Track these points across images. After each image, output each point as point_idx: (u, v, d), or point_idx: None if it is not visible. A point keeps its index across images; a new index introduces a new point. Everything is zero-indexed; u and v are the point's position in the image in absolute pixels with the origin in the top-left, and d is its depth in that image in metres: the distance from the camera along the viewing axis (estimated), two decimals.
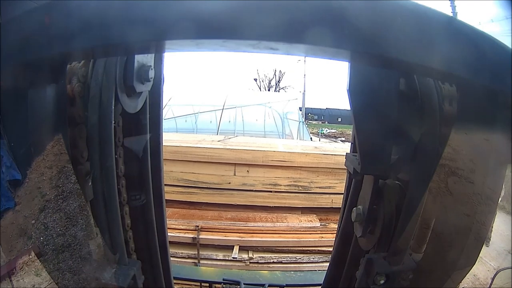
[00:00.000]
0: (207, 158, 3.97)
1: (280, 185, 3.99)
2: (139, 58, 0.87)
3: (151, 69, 0.90)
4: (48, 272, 0.90)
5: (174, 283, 1.48)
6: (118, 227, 0.92)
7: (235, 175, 3.99)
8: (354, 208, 1.01)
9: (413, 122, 0.81)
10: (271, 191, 3.99)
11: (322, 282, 1.42)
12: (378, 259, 0.95)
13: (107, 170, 0.85)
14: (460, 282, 1.04)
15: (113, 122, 0.83)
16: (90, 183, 0.86)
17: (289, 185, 4.00)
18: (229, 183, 3.97)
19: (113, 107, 0.79)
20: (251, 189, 3.97)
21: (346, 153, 1.04)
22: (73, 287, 0.88)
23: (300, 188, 4.02)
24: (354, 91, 0.79)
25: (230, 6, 0.53)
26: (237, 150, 4.05)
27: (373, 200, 0.96)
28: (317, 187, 4.01)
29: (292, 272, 2.90)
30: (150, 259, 1.26)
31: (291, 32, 0.53)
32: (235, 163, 3.97)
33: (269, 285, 1.74)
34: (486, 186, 0.85)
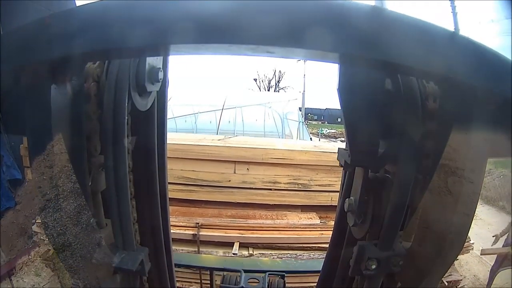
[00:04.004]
0: (207, 155, 4.02)
1: (280, 182, 4.03)
2: (150, 60, 0.95)
3: (160, 70, 0.98)
4: (64, 258, 0.95)
5: (175, 270, 1.52)
6: (128, 214, 1.00)
7: (235, 173, 4.04)
8: (347, 199, 1.10)
9: (397, 118, 0.89)
10: (270, 189, 4.03)
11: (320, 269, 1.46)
12: (369, 245, 1.02)
13: (119, 162, 0.92)
14: (449, 267, 1.10)
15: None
16: (103, 175, 0.94)
17: (289, 183, 4.04)
18: (229, 181, 4.02)
19: (126, 104, 0.87)
20: (251, 187, 4.01)
21: (338, 148, 1.12)
22: (86, 272, 0.94)
23: (300, 186, 4.06)
24: (343, 91, 0.87)
25: (233, 13, 0.60)
26: (237, 148, 4.11)
27: (363, 191, 1.04)
28: (316, 185, 4.05)
29: (293, 260, 2.96)
30: (155, 255, 1.32)
31: (288, 37, 0.60)
32: (235, 161, 4.02)
33: (269, 273, 1.75)
34: (468, 180, 0.91)
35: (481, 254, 4.00)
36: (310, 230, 3.58)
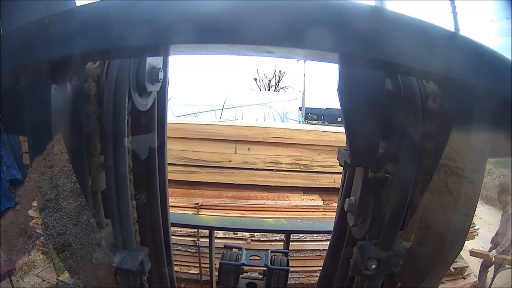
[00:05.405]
0: (207, 135, 3.95)
1: (281, 163, 3.96)
2: (150, 61, 0.95)
3: (160, 71, 0.98)
4: (64, 258, 0.95)
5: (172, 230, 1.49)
6: (128, 214, 1.00)
7: (236, 153, 3.97)
8: (347, 199, 1.10)
9: (397, 118, 0.89)
10: (272, 170, 3.96)
11: (332, 229, 1.42)
12: (369, 245, 1.02)
13: (119, 162, 0.92)
14: (449, 267, 1.10)
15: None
16: (103, 175, 0.94)
17: (291, 164, 3.97)
18: (230, 161, 3.96)
19: (126, 104, 0.88)
20: (252, 167, 3.94)
21: (338, 149, 1.12)
22: (86, 272, 0.95)
23: (302, 167, 3.99)
24: (343, 91, 0.87)
25: (234, 13, 0.60)
26: (238, 126, 4.07)
27: (363, 191, 1.04)
28: (318, 166, 3.98)
29: (299, 221, 2.91)
30: (155, 255, 1.32)
31: (288, 37, 0.60)
32: (236, 140, 3.96)
33: (271, 252, 1.67)
34: (468, 180, 0.91)
35: (470, 255, 3.90)
36: (312, 211, 3.50)
